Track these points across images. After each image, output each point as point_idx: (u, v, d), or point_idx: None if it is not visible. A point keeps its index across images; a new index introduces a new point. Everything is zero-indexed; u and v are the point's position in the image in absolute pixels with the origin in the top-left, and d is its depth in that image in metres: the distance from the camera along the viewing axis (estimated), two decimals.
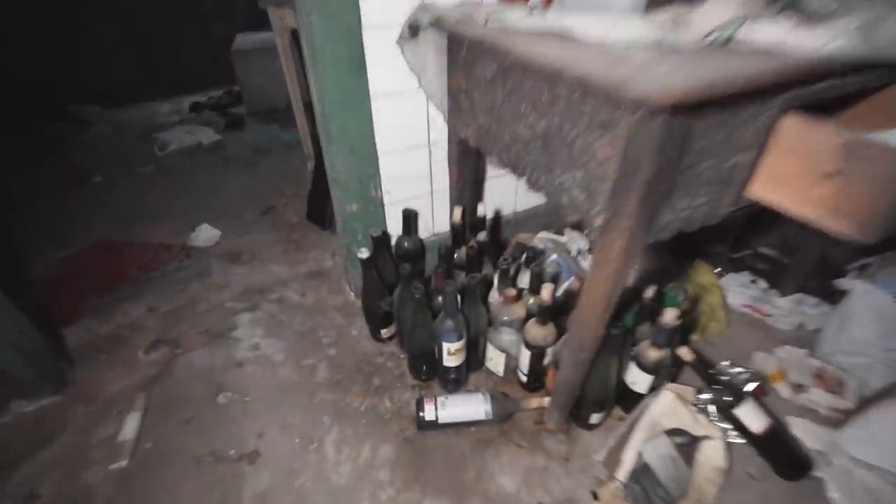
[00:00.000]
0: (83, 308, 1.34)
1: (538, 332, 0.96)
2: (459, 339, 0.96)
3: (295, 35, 1.55)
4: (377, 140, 1.06)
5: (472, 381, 1.11)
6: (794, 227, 1.25)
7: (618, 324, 0.82)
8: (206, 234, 1.65)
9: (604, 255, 0.67)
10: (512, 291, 0.96)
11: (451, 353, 0.98)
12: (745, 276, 1.36)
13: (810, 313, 1.24)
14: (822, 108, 0.67)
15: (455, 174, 1.10)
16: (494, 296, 1.08)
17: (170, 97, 3.03)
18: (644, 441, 0.89)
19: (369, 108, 1.01)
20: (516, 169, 0.83)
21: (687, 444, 0.91)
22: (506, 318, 0.99)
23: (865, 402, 1.02)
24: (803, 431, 1.00)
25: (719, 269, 1.37)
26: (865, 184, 0.56)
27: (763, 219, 1.28)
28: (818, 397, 1.05)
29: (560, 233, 1.40)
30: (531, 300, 1.02)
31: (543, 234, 1.35)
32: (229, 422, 1.03)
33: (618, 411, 1.03)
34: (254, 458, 0.96)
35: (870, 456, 0.93)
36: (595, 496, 0.87)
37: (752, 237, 1.35)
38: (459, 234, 1.14)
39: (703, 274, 1.30)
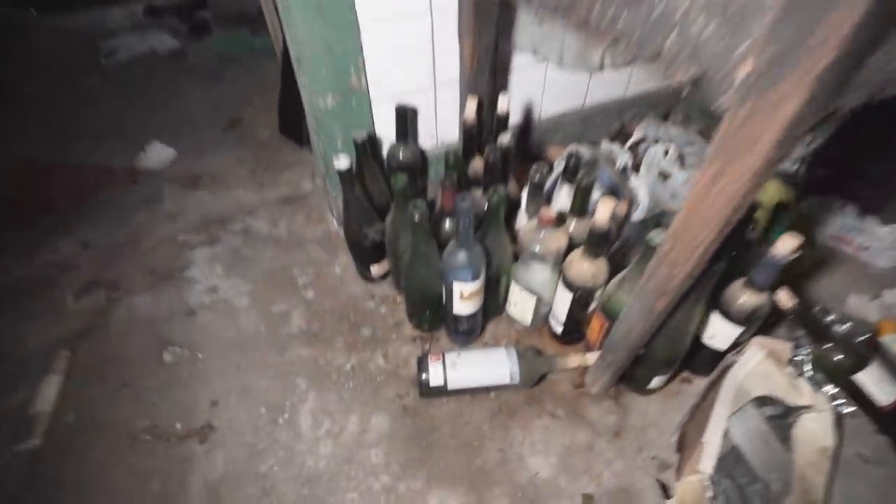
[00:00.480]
0: None
1: (586, 267, 0.69)
2: (475, 277, 0.69)
3: None
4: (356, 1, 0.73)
5: (489, 331, 0.86)
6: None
7: (725, 255, 0.55)
8: (157, 155, 1.34)
9: (747, 129, 0.38)
10: (550, 212, 0.68)
11: (465, 298, 0.72)
12: (834, 200, 1.07)
13: None
14: None
15: (468, 48, 0.78)
16: (522, 220, 0.80)
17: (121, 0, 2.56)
18: (730, 416, 0.65)
19: None
20: (572, 8, 0.51)
21: (782, 417, 0.67)
22: (538, 248, 0.71)
23: None
24: None
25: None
26: None
27: (872, 122, 0.97)
28: None
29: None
30: (574, 225, 0.75)
31: (576, 147, 1.04)
32: (176, 387, 0.80)
33: (685, 373, 0.79)
34: (206, 435, 0.73)
35: None
36: (664, 489, 0.65)
37: (855, 150, 1.05)
38: (474, 138, 0.84)
39: (779, 193, 1.01)
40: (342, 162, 0.73)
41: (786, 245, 0.59)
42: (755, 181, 0.40)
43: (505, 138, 0.78)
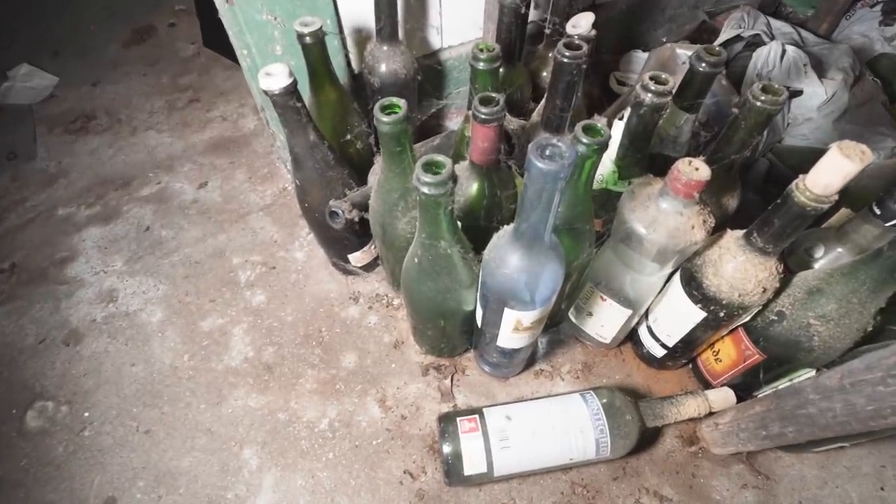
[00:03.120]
0: None
1: (754, 269, 0.37)
2: (544, 301, 0.37)
3: None
4: None
5: (541, 347, 0.56)
6: None
7: None
8: (29, 83, 0.93)
9: None
10: (701, 169, 0.34)
11: (521, 329, 0.40)
12: None
13: None
14: None
15: None
16: (612, 178, 0.46)
17: None
18: None
19: None
20: None
21: None
22: (653, 234, 0.38)
23: None
24: None
25: None
26: None
27: None
28: None
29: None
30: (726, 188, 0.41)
31: (668, 49, 0.67)
32: (46, 473, 0.49)
33: None
34: None
35: None
36: None
37: None
38: (520, 25, 0.47)
39: None
40: (275, 77, 0.37)
41: None
42: None
43: (584, 23, 0.42)
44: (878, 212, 0.38)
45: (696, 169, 0.34)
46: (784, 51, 0.72)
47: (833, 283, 0.36)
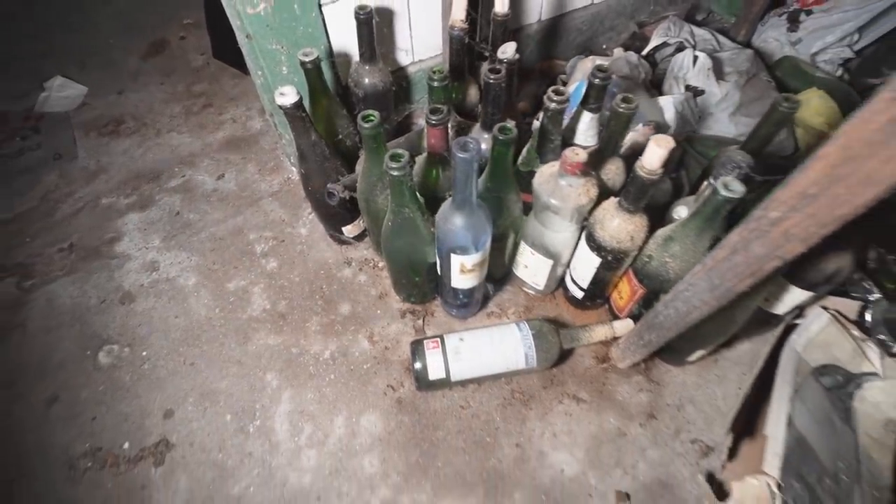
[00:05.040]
0: None
1: (623, 224, 0.53)
2: (479, 247, 0.53)
3: None
4: None
5: (493, 296, 0.72)
6: None
7: None
8: (63, 93, 1.07)
9: None
10: (580, 155, 0.50)
11: (465, 271, 0.56)
12: None
13: None
14: None
15: None
16: (535, 164, 0.62)
17: None
18: (792, 396, 0.54)
19: None
20: None
21: (841, 388, 0.57)
22: (561, 202, 0.54)
23: None
24: None
25: None
26: None
27: None
28: None
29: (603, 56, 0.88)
30: (607, 168, 0.57)
31: (593, 59, 0.83)
32: (119, 396, 0.65)
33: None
34: (162, 455, 0.60)
35: None
36: (711, 481, 0.55)
37: None
38: (464, 50, 0.63)
39: (825, 113, 0.83)
40: (287, 97, 0.53)
41: None
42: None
43: (509, 50, 0.57)
44: (712, 181, 0.55)
45: (577, 154, 0.50)
46: (696, 57, 0.88)
47: (678, 233, 0.52)
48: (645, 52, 0.95)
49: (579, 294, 0.66)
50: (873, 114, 0.24)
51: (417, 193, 0.53)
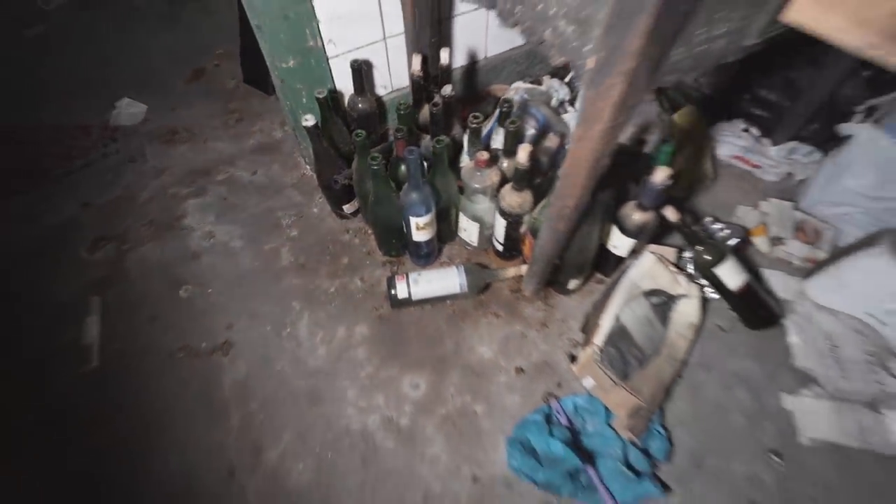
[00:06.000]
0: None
1: (514, 198, 0.86)
2: (427, 212, 0.87)
3: None
4: None
5: (445, 252, 1.06)
6: (802, 65, 1.10)
7: (604, 190, 0.73)
8: (130, 110, 1.41)
9: (594, 106, 0.54)
10: (484, 155, 0.83)
11: (420, 228, 0.90)
12: (738, 125, 1.24)
13: (802, 162, 1.17)
14: None
15: (409, 11, 0.88)
16: (466, 160, 0.95)
17: None
18: (622, 305, 0.88)
19: None
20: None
21: (664, 304, 0.90)
22: (478, 185, 0.88)
23: (839, 252, 1.01)
24: (776, 282, 1.00)
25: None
26: None
27: (763, 59, 1.11)
28: (794, 249, 1.03)
29: (538, 82, 1.22)
30: (506, 163, 0.91)
31: (519, 84, 1.17)
32: (196, 316, 0.98)
33: (597, 275, 1.01)
34: (227, 350, 0.93)
35: (834, 302, 0.95)
36: (572, 359, 0.89)
37: (752, 80, 1.19)
38: (421, 88, 0.96)
39: (691, 121, 1.17)
40: (309, 121, 0.86)
41: (660, 175, 0.77)
42: (605, 139, 0.57)
43: (447, 90, 0.91)
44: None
45: (483, 155, 0.83)
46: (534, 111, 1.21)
47: (549, 203, 0.86)
48: (567, 78, 1.29)
49: (500, 248, 1.00)
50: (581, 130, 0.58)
51: (390, 180, 0.87)
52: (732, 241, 1.01)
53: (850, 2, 0.47)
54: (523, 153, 0.79)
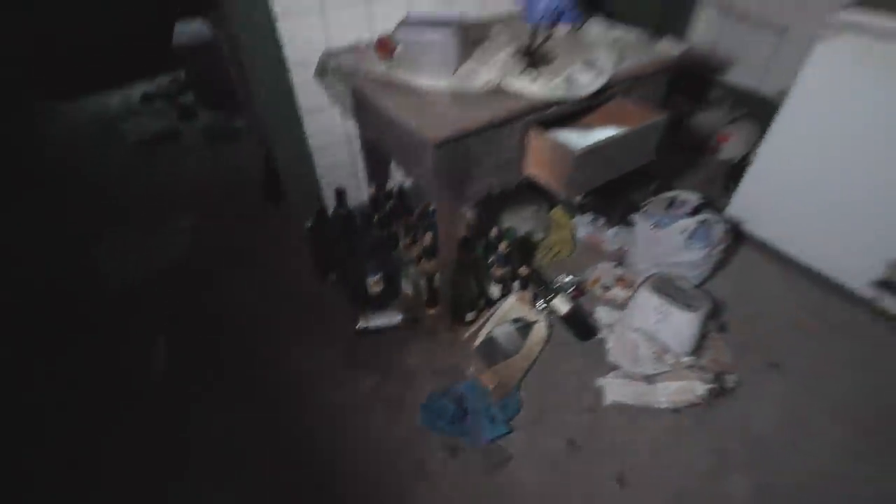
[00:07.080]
0: None
1: (426, 265, 1.47)
2: (376, 274, 1.46)
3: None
4: (310, 140, 1.50)
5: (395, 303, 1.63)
6: (616, 180, 1.79)
7: (472, 251, 1.34)
8: None
9: (441, 215, 1.17)
10: (408, 241, 1.46)
11: (372, 285, 1.48)
12: (590, 216, 1.91)
13: (626, 238, 1.81)
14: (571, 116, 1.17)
15: (367, 160, 1.56)
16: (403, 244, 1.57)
17: (116, 87, 3.19)
18: (494, 326, 1.44)
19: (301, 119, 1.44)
20: (398, 160, 1.30)
21: (524, 327, 1.47)
22: (406, 258, 1.49)
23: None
24: (604, 314, 1.58)
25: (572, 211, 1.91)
26: (561, 163, 1.07)
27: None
28: (617, 293, 1.63)
29: None
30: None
31: None
32: None
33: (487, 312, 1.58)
34: None
35: (635, 322, 1.53)
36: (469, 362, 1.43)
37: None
38: (377, 202, 1.62)
39: (560, 216, 1.84)
40: (308, 223, 1.49)
41: (502, 246, 1.38)
42: (452, 228, 1.19)
43: (388, 204, 1.57)
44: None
45: (407, 241, 1.45)
46: None
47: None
48: None
49: (425, 297, 1.58)
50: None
51: (359, 257, 1.48)
52: (571, 287, 1.60)
53: (546, 164, 1.13)
54: (427, 238, 1.41)
